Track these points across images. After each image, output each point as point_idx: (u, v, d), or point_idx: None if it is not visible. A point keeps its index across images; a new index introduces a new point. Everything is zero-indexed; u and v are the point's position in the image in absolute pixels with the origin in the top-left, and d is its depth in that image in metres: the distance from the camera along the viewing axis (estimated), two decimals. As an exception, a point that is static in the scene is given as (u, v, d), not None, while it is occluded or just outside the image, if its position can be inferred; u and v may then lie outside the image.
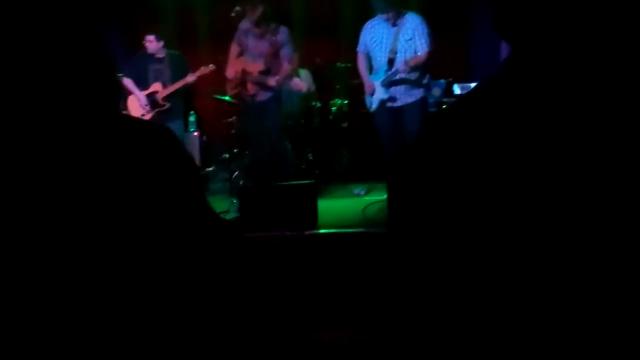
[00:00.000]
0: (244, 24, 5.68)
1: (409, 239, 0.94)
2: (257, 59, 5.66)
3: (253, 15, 5.47)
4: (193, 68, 6.20)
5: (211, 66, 6.10)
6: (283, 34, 5.62)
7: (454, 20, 7.14)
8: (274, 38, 5.58)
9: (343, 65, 6.83)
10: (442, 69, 6.17)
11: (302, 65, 6.66)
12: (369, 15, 5.47)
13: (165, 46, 6.18)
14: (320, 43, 6.35)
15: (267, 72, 5.65)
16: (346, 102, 6.87)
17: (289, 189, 4.72)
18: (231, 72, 5.71)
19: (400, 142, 5.31)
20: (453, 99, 5.92)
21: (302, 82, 5.78)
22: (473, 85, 4.03)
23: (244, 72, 5.69)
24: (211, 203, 1.32)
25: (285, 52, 5.64)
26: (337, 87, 6.89)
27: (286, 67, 5.66)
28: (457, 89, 5.91)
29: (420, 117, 5.26)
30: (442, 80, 6.21)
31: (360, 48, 5.51)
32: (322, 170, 6.51)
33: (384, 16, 5.23)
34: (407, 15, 5.25)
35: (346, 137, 6.87)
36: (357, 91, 6.20)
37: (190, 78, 6.11)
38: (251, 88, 5.72)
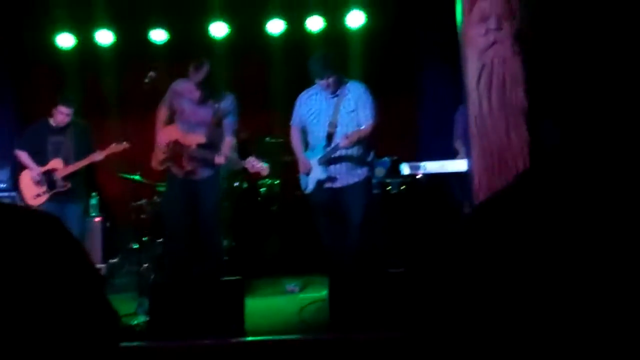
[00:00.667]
0: (180, 85, 5.12)
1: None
2: (195, 129, 5.06)
3: (197, 75, 4.88)
4: (98, 141, 5.75)
5: (124, 144, 5.62)
6: (228, 100, 5.10)
7: (400, 91, 7.02)
8: (217, 105, 5.02)
9: (274, 140, 6.62)
10: (386, 145, 5.89)
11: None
12: (303, 84, 5.15)
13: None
14: (247, 114, 5.96)
15: (208, 145, 5.01)
16: (277, 182, 6.63)
17: (210, 287, 4.18)
18: (162, 142, 5.04)
19: (340, 229, 4.91)
20: (399, 180, 5.51)
21: (261, 163, 5.07)
22: (422, 164, 3.54)
23: (178, 145, 5.02)
24: (114, 303, 1.25)
25: (229, 122, 5.11)
26: (267, 164, 6.41)
27: (229, 141, 5.10)
28: (405, 169, 5.51)
29: (365, 200, 4.93)
30: (386, 158, 5.94)
31: (295, 122, 5.14)
32: (249, 262, 6.09)
33: (323, 83, 4.87)
34: (348, 84, 4.98)
35: (277, 222, 6.57)
36: (290, 170, 5.91)
37: (98, 156, 5.59)
38: (187, 164, 5.05)
